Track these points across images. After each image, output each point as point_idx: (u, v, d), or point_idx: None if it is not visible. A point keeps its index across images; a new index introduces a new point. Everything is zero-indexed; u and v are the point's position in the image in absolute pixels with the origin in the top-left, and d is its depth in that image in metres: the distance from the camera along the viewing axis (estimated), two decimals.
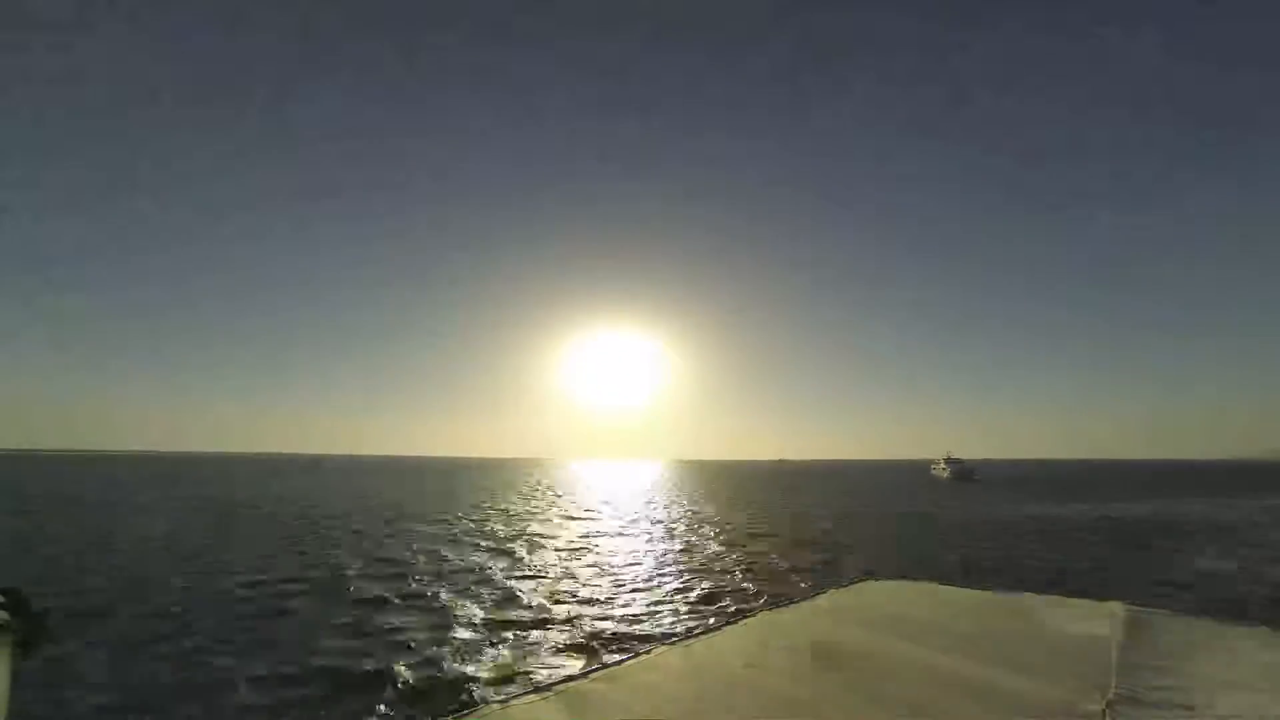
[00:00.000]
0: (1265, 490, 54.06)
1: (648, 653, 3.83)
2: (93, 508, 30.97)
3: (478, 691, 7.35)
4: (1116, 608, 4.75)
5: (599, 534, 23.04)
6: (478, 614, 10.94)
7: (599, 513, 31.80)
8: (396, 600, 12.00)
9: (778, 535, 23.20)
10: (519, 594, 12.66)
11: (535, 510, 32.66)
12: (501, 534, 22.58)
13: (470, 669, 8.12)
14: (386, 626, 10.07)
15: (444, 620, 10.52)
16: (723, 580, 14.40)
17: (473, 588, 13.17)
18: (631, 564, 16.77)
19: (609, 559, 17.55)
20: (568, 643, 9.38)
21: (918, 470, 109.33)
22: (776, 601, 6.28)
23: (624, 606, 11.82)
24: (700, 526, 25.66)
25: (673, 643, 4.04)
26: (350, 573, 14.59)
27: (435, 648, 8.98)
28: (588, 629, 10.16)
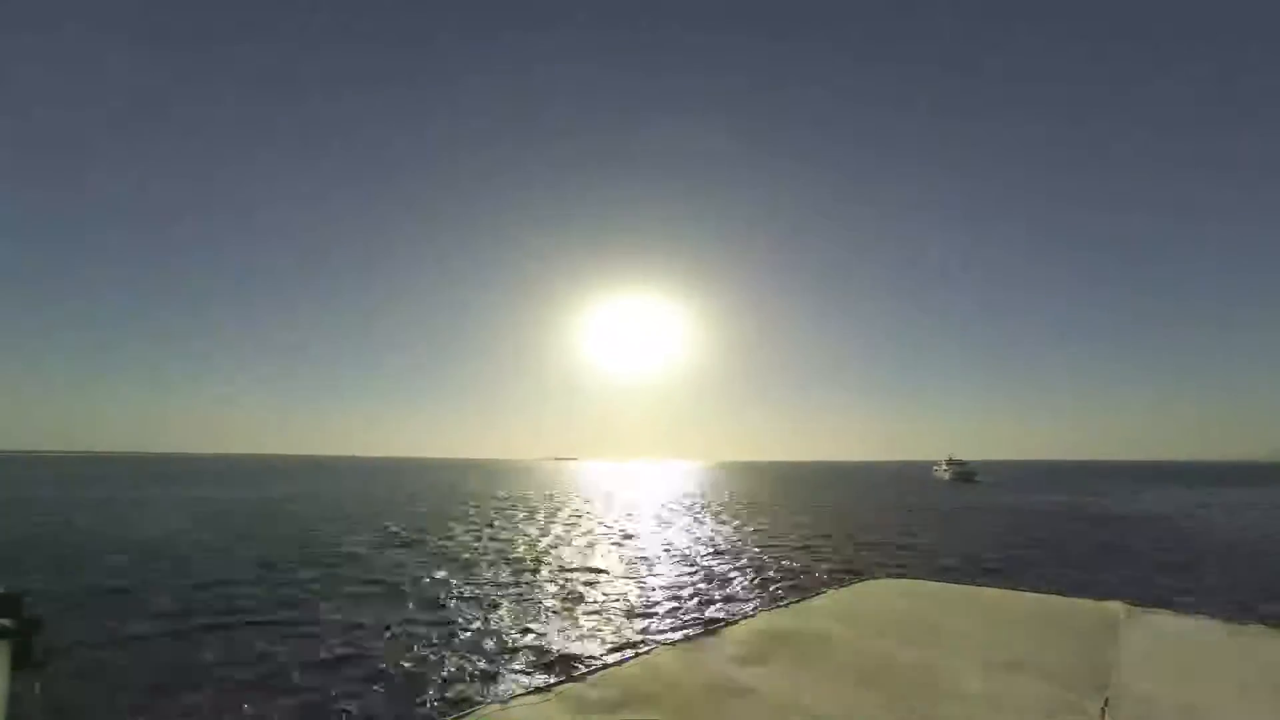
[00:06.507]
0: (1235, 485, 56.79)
1: (648, 653, 3.84)
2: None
3: (478, 692, 7.34)
4: (1116, 607, 4.76)
5: None
6: None
7: None
8: None
9: None
10: None
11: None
12: None
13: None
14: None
15: None
16: None
17: None
18: None
19: None
20: None
21: (920, 471, 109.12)
22: (776, 601, 6.27)
23: None
24: None
25: (673, 643, 4.05)
26: None
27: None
28: None
